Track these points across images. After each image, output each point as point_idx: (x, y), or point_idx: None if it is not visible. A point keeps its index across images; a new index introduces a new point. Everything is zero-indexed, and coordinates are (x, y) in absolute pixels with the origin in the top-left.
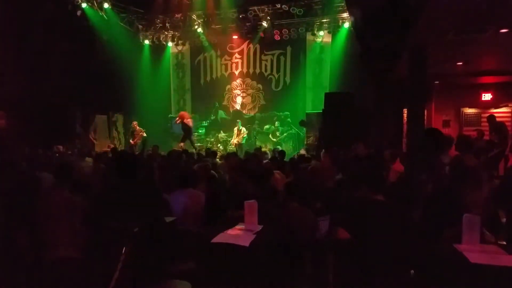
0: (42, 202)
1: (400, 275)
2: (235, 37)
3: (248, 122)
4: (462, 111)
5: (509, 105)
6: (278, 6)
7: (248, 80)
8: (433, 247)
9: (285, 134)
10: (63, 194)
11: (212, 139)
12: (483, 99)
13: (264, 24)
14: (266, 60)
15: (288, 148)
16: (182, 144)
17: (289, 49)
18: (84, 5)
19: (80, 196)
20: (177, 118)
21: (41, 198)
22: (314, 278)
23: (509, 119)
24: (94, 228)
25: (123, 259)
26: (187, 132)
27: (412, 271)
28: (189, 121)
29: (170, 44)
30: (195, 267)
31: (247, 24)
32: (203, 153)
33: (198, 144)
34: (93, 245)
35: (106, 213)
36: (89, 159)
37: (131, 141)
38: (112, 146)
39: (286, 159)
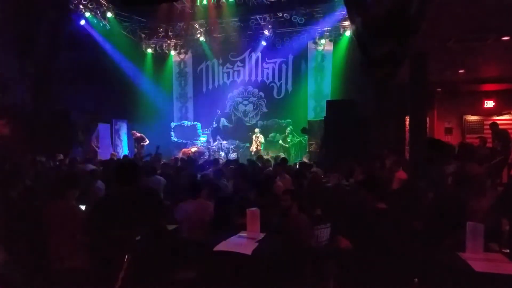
0: (47, 212)
1: (404, 283)
2: (237, 45)
3: (250, 130)
4: (465, 118)
5: None
6: (280, 14)
7: (250, 88)
8: (437, 255)
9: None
10: (67, 204)
11: (214, 147)
12: (485, 106)
13: (266, 32)
14: (268, 68)
15: (289, 155)
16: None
17: (290, 57)
18: (87, 14)
19: (83, 205)
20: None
21: (45, 208)
22: (315, 286)
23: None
24: (96, 237)
25: (126, 267)
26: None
27: (416, 279)
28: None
29: (172, 52)
30: (198, 275)
31: (249, 32)
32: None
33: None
34: (95, 254)
35: (108, 222)
36: (92, 167)
37: (135, 149)
38: (115, 154)
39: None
